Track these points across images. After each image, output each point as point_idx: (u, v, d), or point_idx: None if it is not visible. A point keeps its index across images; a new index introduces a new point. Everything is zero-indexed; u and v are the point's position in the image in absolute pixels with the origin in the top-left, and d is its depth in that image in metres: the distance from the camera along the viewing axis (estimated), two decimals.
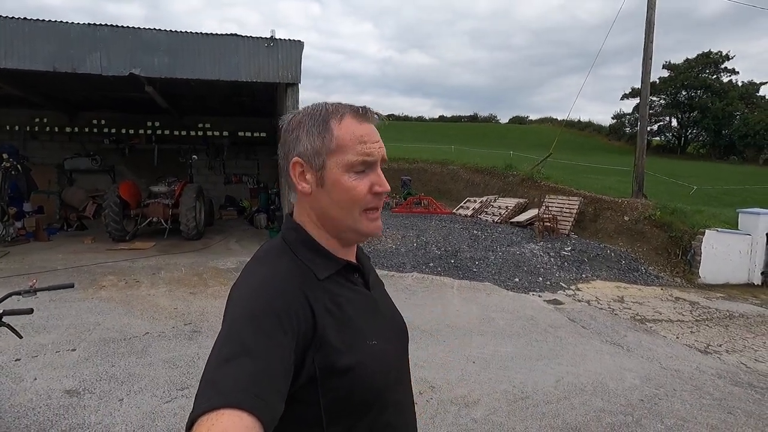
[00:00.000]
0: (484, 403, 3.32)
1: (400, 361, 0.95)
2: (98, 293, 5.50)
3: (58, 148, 11.69)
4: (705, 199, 14.92)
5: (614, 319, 5.99)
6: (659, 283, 8.64)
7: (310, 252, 0.85)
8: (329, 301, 0.81)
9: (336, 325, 0.79)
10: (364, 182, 0.83)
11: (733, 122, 33.27)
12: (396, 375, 0.90)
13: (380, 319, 0.91)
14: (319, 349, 0.76)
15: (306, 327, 0.75)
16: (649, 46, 11.13)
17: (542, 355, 4.39)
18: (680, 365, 4.36)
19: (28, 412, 2.93)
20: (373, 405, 0.82)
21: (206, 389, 0.64)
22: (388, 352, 0.88)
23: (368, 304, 0.90)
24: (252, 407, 0.61)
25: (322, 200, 0.84)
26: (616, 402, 3.47)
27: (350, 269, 0.90)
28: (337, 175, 0.82)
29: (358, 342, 0.81)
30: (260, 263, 0.85)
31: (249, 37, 7.02)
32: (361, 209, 0.84)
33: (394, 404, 0.88)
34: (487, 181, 17.83)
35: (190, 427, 0.60)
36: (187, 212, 8.35)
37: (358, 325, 0.83)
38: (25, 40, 6.29)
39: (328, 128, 0.82)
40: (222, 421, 0.59)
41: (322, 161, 0.83)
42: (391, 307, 0.99)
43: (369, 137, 0.83)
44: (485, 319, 5.48)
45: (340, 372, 0.77)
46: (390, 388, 0.86)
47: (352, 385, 0.78)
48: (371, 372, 0.81)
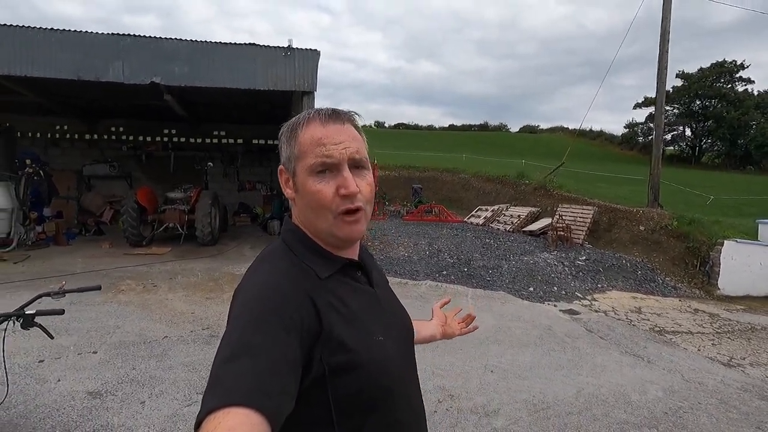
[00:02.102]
0: (505, 413, 3.28)
1: (407, 358, 0.94)
2: (117, 297, 5.56)
3: (77, 155, 11.95)
4: (722, 210, 14.69)
5: (633, 330, 5.90)
6: (677, 295, 8.49)
7: (310, 252, 0.86)
8: (333, 298, 0.81)
9: (342, 322, 0.79)
10: (329, 185, 0.81)
11: (749, 132, 32.78)
12: (403, 371, 0.89)
13: (385, 316, 0.91)
14: (326, 347, 0.76)
15: (311, 325, 0.75)
16: (664, 56, 11.07)
17: (561, 365, 4.33)
18: (704, 378, 4.26)
19: (53, 413, 2.97)
20: (381, 401, 0.82)
21: (213, 388, 0.65)
22: (395, 348, 0.88)
23: (373, 301, 0.90)
24: (258, 405, 0.61)
25: (299, 204, 0.87)
26: (640, 414, 3.40)
27: (352, 267, 0.90)
28: (303, 180, 0.83)
29: (365, 338, 0.81)
30: (263, 264, 0.86)
31: (266, 47, 7.14)
32: (333, 213, 0.82)
33: (403, 400, 0.87)
34: (498, 189, 17.76)
35: (198, 425, 0.61)
36: (202, 218, 8.45)
37: (364, 322, 0.83)
38: (51, 50, 6.47)
39: (295, 135, 0.85)
40: (229, 420, 0.59)
41: (293, 167, 0.85)
42: (396, 305, 0.99)
43: (329, 139, 0.82)
44: (501, 328, 5.43)
45: (348, 368, 0.77)
46: (398, 384, 0.85)
47: (360, 382, 0.78)
48: (379, 368, 0.81)
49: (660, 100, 11.30)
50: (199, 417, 0.61)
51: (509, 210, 15.01)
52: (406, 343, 0.96)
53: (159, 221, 9.01)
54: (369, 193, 0.86)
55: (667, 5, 10.90)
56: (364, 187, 0.84)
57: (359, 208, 0.84)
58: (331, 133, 0.83)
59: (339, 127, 0.84)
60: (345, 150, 0.82)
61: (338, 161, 0.82)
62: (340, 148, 0.82)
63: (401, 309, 1.00)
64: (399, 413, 0.85)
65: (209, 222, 8.51)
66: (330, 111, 0.86)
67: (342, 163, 0.82)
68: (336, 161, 0.81)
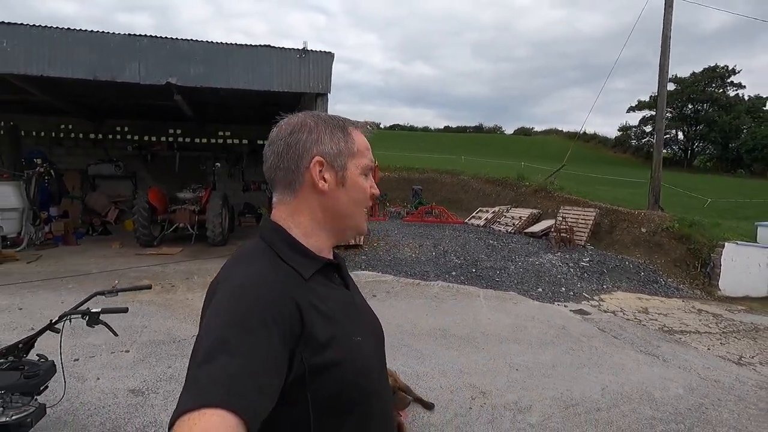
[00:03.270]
0: (537, 410, 3.38)
1: (381, 360, 0.96)
2: (138, 297, 5.58)
3: (82, 154, 11.89)
4: (719, 212, 14.96)
5: (643, 329, 6.04)
6: (679, 295, 8.67)
7: (292, 251, 0.85)
8: (314, 298, 0.81)
9: (323, 322, 0.79)
10: (367, 185, 0.94)
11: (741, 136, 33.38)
12: (379, 372, 0.91)
13: (360, 317, 0.93)
14: (307, 346, 0.75)
15: (293, 324, 0.74)
16: (665, 62, 11.29)
17: (582, 364, 4.44)
18: (719, 376, 4.40)
19: (99, 410, 3.01)
20: (360, 402, 0.82)
21: (189, 388, 0.64)
22: (371, 349, 0.90)
23: (348, 302, 0.91)
24: (235, 406, 0.60)
25: (340, 198, 0.89)
26: (665, 410, 3.52)
27: (330, 268, 0.91)
28: (356, 176, 0.91)
29: (344, 338, 0.82)
30: (241, 263, 0.84)
31: (281, 48, 7.20)
32: (365, 207, 0.94)
33: (380, 401, 0.88)
34: (498, 191, 17.91)
35: (171, 426, 0.60)
36: (213, 218, 8.47)
37: (343, 323, 0.84)
38: (68, 50, 6.47)
39: (349, 134, 0.92)
40: (203, 421, 0.58)
41: (344, 162, 0.90)
42: (368, 308, 1.01)
43: (370, 148, 0.96)
44: (518, 327, 5.54)
45: (328, 368, 0.77)
46: (375, 384, 0.87)
47: (340, 382, 0.78)
48: (358, 368, 0.82)
49: (661, 104, 11.53)
50: (173, 417, 0.61)
51: (510, 211, 15.13)
52: (379, 346, 0.97)
53: (169, 221, 9.01)
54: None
55: (668, 11, 11.13)
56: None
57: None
58: (368, 144, 0.96)
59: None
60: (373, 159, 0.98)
61: (373, 168, 0.96)
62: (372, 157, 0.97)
63: (372, 313, 1.02)
64: (376, 414, 0.86)
65: (220, 222, 8.53)
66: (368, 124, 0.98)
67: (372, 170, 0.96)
68: (373, 167, 0.96)
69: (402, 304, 6.28)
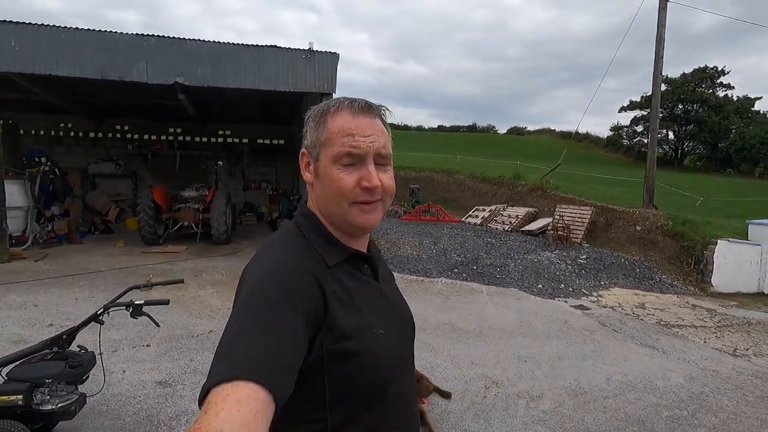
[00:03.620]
0: (549, 398, 3.54)
1: (405, 354, 0.95)
2: (150, 294, 5.63)
3: (82, 153, 11.87)
4: (709, 211, 15.30)
5: (642, 324, 6.24)
6: (674, 291, 8.91)
7: (320, 238, 0.87)
8: (339, 287, 0.82)
9: (345, 311, 0.80)
10: (352, 176, 0.83)
11: (730, 136, 34.02)
12: (400, 367, 0.90)
13: (388, 310, 0.92)
14: (328, 332, 0.77)
15: (317, 309, 0.76)
16: (659, 62, 11.55)
17: (586, 356, 4.61)
18: (717, 367, 4.60)
19: (130, 401, 3.12)
20: (376, 393, 0.83)
21: (221, 360, 0.66)
22: (394, 343, 0.89)
23: (377, 294, 0.91)
24: (266, 381, 0.63)
25: (318, 190, 0.88)
26: (668, 398, 3.70)
27: (359, 259, 0.91)
28: (326, 167, 0.84)
29: (366, 329, 0.82)
30: (274, 246, 0.87)
31: (288, 49, 7.29)
32: (349, 201, 0.84)
33: (397, 395, 0.88)
34: (494, 190, 18.11)
35: (206, 395, 0.62)
36: (218, 217, 8.55)
37: (366, 314, 0.84)
38: (76, 49, 6.50)
39: (324, 121, 0.86)
40: (237, 392, 0.60)
41: (317, 153, 0.86)
42: (399, 301, 1.00)
43: (359, 131, 0.83)
44: (523, 322, 5.71)
45: (346, 356, 0.78)
46: (394, 378, 0.87)
47: (357, 371, 0.79)
48: (377, 360, 0.82)
49: (655, 105, 11.78)
50: (206, 386, 0.62)
51: (506, 210, 15.31)
52: (406, 340, 0.97)
53: (174, 220, 9.06)
54: (390, 186, 0.87)
55: (662, 14, 11.38)
56: (386, 180, 0.86)
57: (377, 200, 0.86)
58: (361, 126, 0.84)
59: (369, 120, 0.85)
60: (372, 144, 0.83)
61: (365, 154, 0.83)
62: (368, 141, 0.83)
63: (404, 306, 1.01)
64: (392, 405, 0.87)
65: (225, 221, 8.61)
66: (363, 103, 0.87)
67: (368, 156, 0.83)
68: (363, 153, 0.83)
69: (408, 300, 6.39)
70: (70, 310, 4.88)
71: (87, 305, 5.11)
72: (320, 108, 0.89)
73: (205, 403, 0.60)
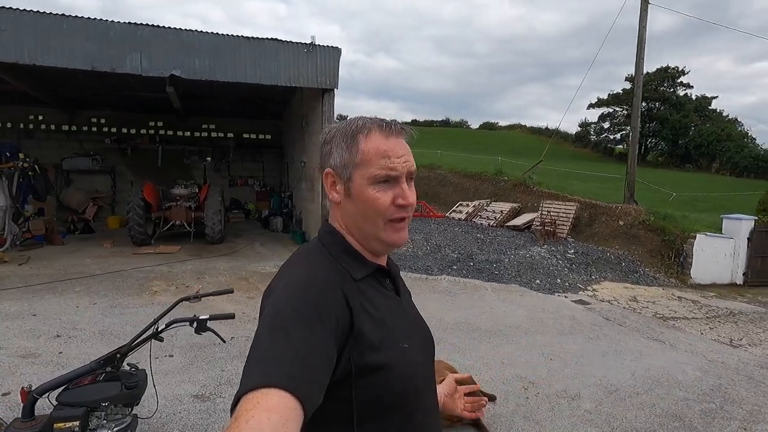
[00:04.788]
0: (587, 396, 3.62)
1: (428, 368, 0.97)
2: (155, 298, 5.40)
3: (55, 147, 11.10)
4: (680, 205, 16.09)
5: (641, 317, 6.49)
6: (658, 284, 9.33)
7: (346, 254, 0.89)
8: (365, 301, 0.83)
9: (371, 324, 0.81)
10: (387, 194, 0.85)
11: (689, 133, 35.83)
12: (424, 380, 0.92)
13: (409, 324, 0.94)
14: (356, 346, 0.78)
15: (344, 322, 0.77)
16: (641, 63, 11.97)
17: (604, 352, 4.75)
18: (723, 358, 4.84)
19: (172, 417, 2.96)
20: (402, 407, 0.84)
21: (252, 369, 0.67)
22: (419, 356, 0.90)
23: (398, 309, 0.93)
24: (296, 390, 0.63)
25: (349, 209, 0.89)
26: (693, 391, 3.86)
27: (382, 274, 0.93)
28: (362, 187, 0.86)
29: (391, 342, 0.83)
30: (300, 262, 0.89)
31: (289, 42, 7.06)
32: (385, 220, 0.86)
33: (423, 409, 0.89)
34: (477, 185, 18.34)
35: (235, 404, 0.63)
36: (213, 215, 8.23)
37: (391, 328, 0.85)
38: (63, 38, 6.03)
39: (356, 143, 0.87)
40: (269, 400, 0.61)
41: (349, 174, 0.87)
42: (418, 316, 1.02)
43: (393, 152, 0.86)
44: (534, 319, 5.81)
45: (373, 369, 0.79)
46: (419, 392, 0.88)
47: (384, 385, 0.80)
48: (403, 373, 0.83)
49: (636, 104, 12.21)
50: (238, 394, 0.63)
51: (491, 205, 15.54)
52: (427, 354, 0.98)
53: (164, 219, 8.65)
54: (414, 203, 0.90)
55: (644, 15, 11.77)
56: (413, 196, 0.89)
57: (407, 216, 0.89)
58: (394, 147, 0.87)
59: (399, 140, 0.89)
60: (406, 164, 0.87)
61: (400, 174, 0.86)
62: (402, 162, 0.86)
63: (422, 321, 1.03)
64: (417, 420, 0.87)
65: (219, 220, 8.31)
66: (394, 125, 0.89)
67: (402, 176, 0.87)
68: (399, 174, 0.86)
69: (419, 299, 6.30)
70: (76, 319, 4.58)
71: (91, 313, 4.81)
72: (348, 128, 0.89)
73: (235, 411, 0.61)
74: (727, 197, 18.38)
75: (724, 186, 23.95)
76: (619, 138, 41.65)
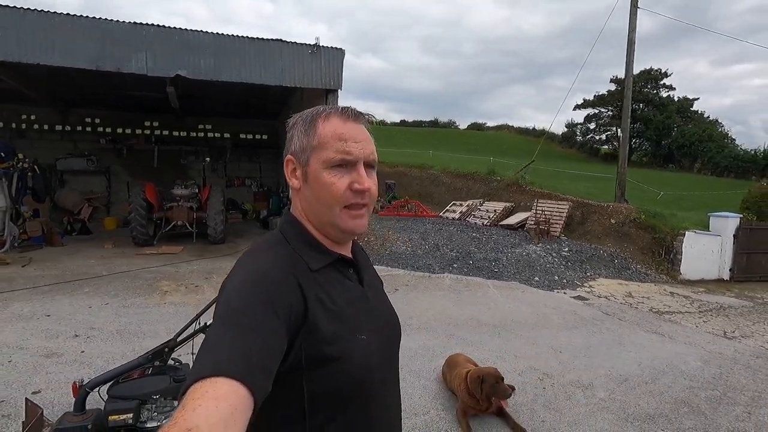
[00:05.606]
0: (599, 386, 3.78)
1: (389, 360, 0.96)
2: (166, 298, 5.42)
3: (48, 148, 10.91)
4: (666, 204, 16.54)
5: (638, 312, 6.72)
6: (650, 280, 9.62)
7: (304, 244, 0.88)
8: (321, 292, 0.83)
9: (326, 315, 0.81)
10: (343, 180, 0.84)
11: (672, 134, 36.75)
12: (383, 372, 0.91)
13: (372, 316, 0.92)
14: (308, 337, 0.77)
15: (297, 313, 0.77)
16: (631, 65, 12.30)
17: (609, 345, 4.94)
18: (720, 349, 5.07)
19: None
20: (355, 399, 0.83)
21: (202, 358, 0.66)
22: (378, 348, 0.88)
23: (361, 300, 0.91)
24: (245, 379, 0.63)
25: (307, 195, 0.88)
26: (697, 380, 4.06)
27: (344, 264, 0.92)
28: (317, 172, 0.85)
29: (347, 334, 0.83)
30: (257, 252, 0.87)
31: (293, 43, 7.12)
32: (341, 206, 0.85)
33: (378, 401, 0.89)
34: (469, 185, 18.56)
35: (185, 391, 0.62)
36: (215, 216, 8.23)
37: (348, 319, 0.84)
38: (67, 37, 5.99)
39: (314, 126, 0.86)
40: (218, 388, 0.60)
41: (306, 158, 0.86)
42: (386, 307, 1.00)
43: (351, 137, 0.85)
44: (539, 315, 5.98)
45: (325, 361, 0.79)
46: (375, 384, 0.87)
47: (335, 376, 0.80)
48: (357, 365, 0.82)
49: (627, 104, 12.53)
50: (187, 383, 0.63)
51: (484, 205, 15.74)
52: (390, 346, 0.97)
53: (166, 219, 8.61)
54: (375, 192, 0.89)
55: (633, 18, 12.11)
56: (372, 185, 0.88)
57: (365, 204, 0.88)
58: (352, 132, 0.86)
59: (359, 126, 0.88)
60: (362, 150, 0.86)
61: (356, 159, 0.85)
62: (359, 147, 0.85)
63: (390, 310, 1.01)
64: (373, 413, 0.87)
65: (222, 220, 8.31)
66: (353, 110, 0.89)
67: (359, 161, 0.86)
68: (354, 159, 0.85)
69: (425, 296, 6.54)
70: (91, 319, 4.58)
71: (105, 313, 4.82)
72: (309, 114, 0.90)
73: (183, 399, 0.61)
74: (710, 196, 18.95)
75: (706, 185, 24.65)
76: (605, 139, 42.47)
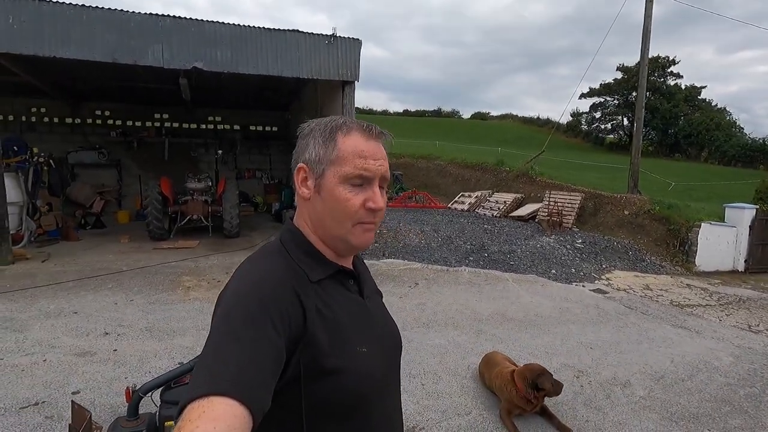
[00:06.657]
0: (637, 384, 3.75)
1: (390, 371, 0.95)
2: (190, 294, 5.39)
3: (59, 141, 10.83)
4: (677, 194, 16.44)
5: (660, 305, 6.68)
6: (665, 272, 9.57)
7: (304, 254, 0.86)
8: (321, 303, 0.82)
9: (325, 328, 0.80)
10: (359, 196, 0.84)
11: (679, 122, 36.41)
12: (383, 386, 0.90)
13: (372, 328, 0.91)
14: (307, 349, 0.76)
15: (296, 325, 0.76)
16: (646, 54, 12.12)
17: (638, 340, 4.90)
18: (749, 344, 5.04)
19: None
20: (354, 413, 0.82)
21: (199, 376, 0.65)
22: (378, 361, 0.88)
23: (361, 311, 0.90)
24: (242, 397, 0.62)
25: (317, 207, 0.86)
26: (733, 377, 4.03)
27: (345, 275, 0.91)
28: (333, 185, 0.84)
29: (347, 347, 0.82)
30: (255, 262, 0.86)
31: (310, 34, 6.99)
32: (353, 222, 0.85)
33: (379, 414, 0.88)
34: (478, 176, 18.45)
35: (182, 410, 0.61)
36: (231, 210, 8.18)
37: (348, 331, 0.84)
38: (83, 29, 5.88)
39: (334, 139, 0.85)
40: (213, 408, 0.59)
41: (322, 170, 0.85)
42: (386, 319, 0.99)
43: (370, 154, 0.85)
44: (562, 309, 5.95)
45: (324, 374, 0.77)
46: (375, 397, 0.86)
47: (334, 390, 0.79)
48: (356, 379, 0.81)
49: (641, 94, 12.38)
50: (183, 402, 0.62)
51: (493, 196, 15.65)
52: (391, 357, 0.96)
53: (181, 213, 8.56)
54: (384, 210, 0.90)
55: (649, 5, 11.89)
56: (384, 205, 0.89)
57: (375, 222, 0.88)
58: (372, 149, 0.85)
59: (378, 144, 0.88)
60: (380, 168, 0.86)
61: (374, 177, 0.85)
62: (377, 165, 0.85)
63: (390, 322, 1.01)
64: (373, 426, 0.86)
65: (237, 214, 8.26)
66: (376, 128, 0.88)
67: (375, 179, 0.86)
68: (372, 176, 0.85)
69: (447, 290, 6.51)
70: (118, 317, 4.56)
71: (131, 309, 4.79)
72: (327, 124, 0.88)
73: (179, 420, 0.60)
74: (721, 186, 18.82)
75: (715, 175, 24.49)
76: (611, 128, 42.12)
